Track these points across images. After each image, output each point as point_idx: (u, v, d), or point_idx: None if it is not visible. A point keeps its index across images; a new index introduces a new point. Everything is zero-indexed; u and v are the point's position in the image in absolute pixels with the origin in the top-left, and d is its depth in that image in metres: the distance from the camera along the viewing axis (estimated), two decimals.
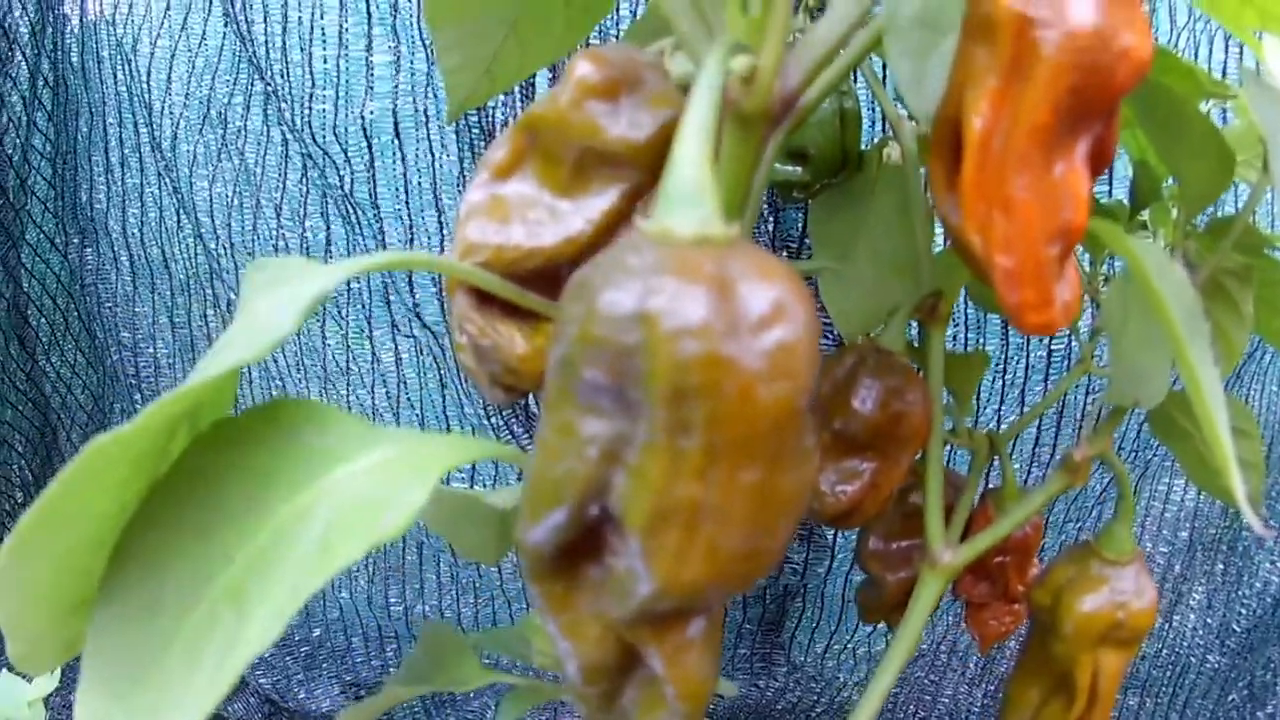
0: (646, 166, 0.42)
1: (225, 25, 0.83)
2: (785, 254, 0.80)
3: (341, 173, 0.81)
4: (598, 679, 0.35)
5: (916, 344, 0.64)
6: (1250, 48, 0.68)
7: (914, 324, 0.63)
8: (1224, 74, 0.88)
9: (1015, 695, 0.68)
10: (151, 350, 0.92)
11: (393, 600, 0.96)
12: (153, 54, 0.86)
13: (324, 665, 1.01)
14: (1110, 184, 0.85)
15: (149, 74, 0.86)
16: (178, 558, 0.30)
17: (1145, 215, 0.73)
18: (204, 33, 0.85)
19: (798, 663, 0.96)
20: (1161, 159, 0.64)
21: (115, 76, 0.88)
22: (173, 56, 0.86)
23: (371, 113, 0.79)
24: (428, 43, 0.76)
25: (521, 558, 0.33)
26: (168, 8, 0.86)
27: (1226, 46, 0.83)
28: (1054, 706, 0.67)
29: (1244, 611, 1.02)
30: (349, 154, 0.80)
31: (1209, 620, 1.02)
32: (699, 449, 0.28)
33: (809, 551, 0.90)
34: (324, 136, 0.80)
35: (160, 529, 0.31)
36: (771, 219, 0.80)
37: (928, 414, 0.61)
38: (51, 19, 0.89)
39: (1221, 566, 1.01)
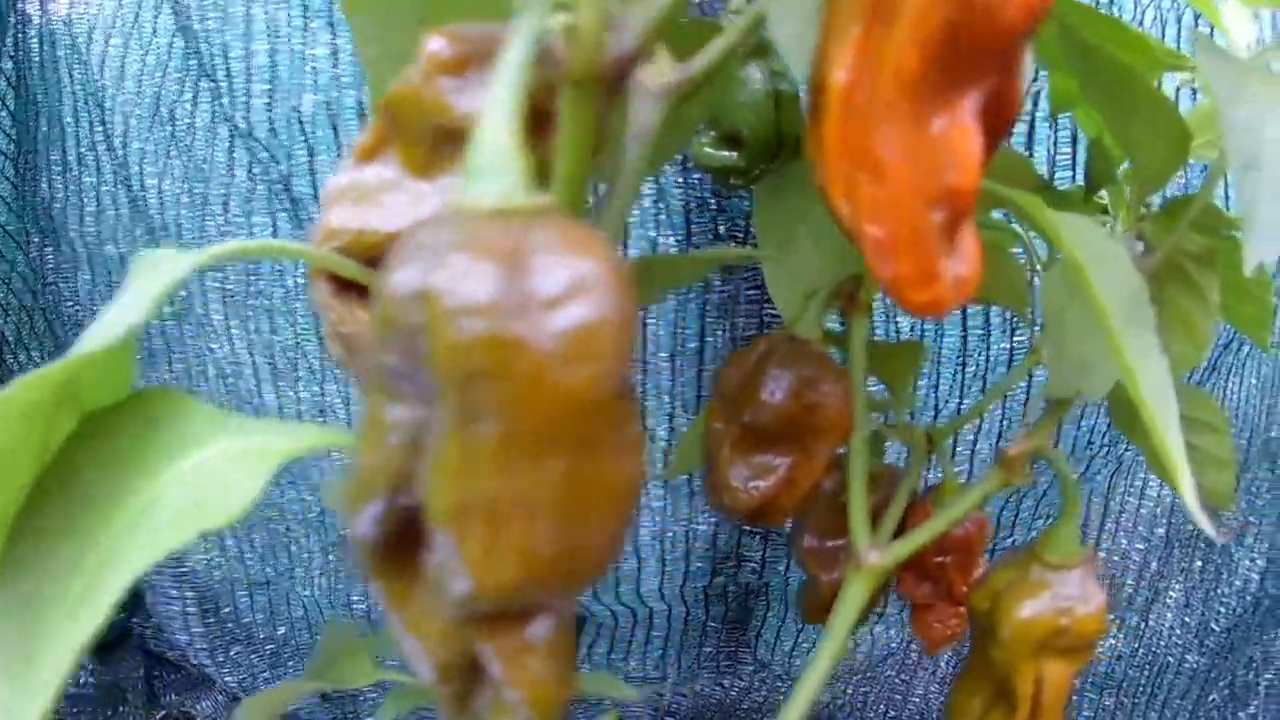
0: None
1: (174, 21, 0.80)
2: (732, 243, 0.76)
3: (282, 167, 0.77)
4: (449, 678, 0.32)
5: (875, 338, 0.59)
6: (1206, 14, 0.63)
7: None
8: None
9: (957, 704, 0.64)
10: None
11: (355, 599, 0.93)
12: (105, 51, 0.83)
13: (289, 663, 0.98)
14: (1073, 169, 0.80)
15: (102, 71, 0.83)
16: (55, 547, 0.30)
17: (1106, 198, 0.69)
18: (154, 29, 0.82)
19: (764, 660, 0.92)
20: (1113, 136, 0.59)
21: (71, 75, 0.85)
22: (124, 53, 0.83)
23: (309, 106, 0.75)
24: None
25: (355, 553, 0.31)
26: (120, 4, 0.83)
27: (1197, 21, 0.78)
28: (996, 717, 0.62)
29: (1223, 610, 0.96)
30: (288, 148, 0.77)
31: (1187, 619, 0.96)
32: (494, 438, 0.26)
33: (766, 549, 0.86)
34: (263, 130, 0.77)
35: (42, 517, 0.31)
36: (716, 206, 0.75)
37: (846, 405, 0.56)
38: (14, 18, 0.86)
39: (1200, 564, 0.95)
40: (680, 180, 0.76)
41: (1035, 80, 0.77)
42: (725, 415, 0.57)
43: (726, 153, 0.68)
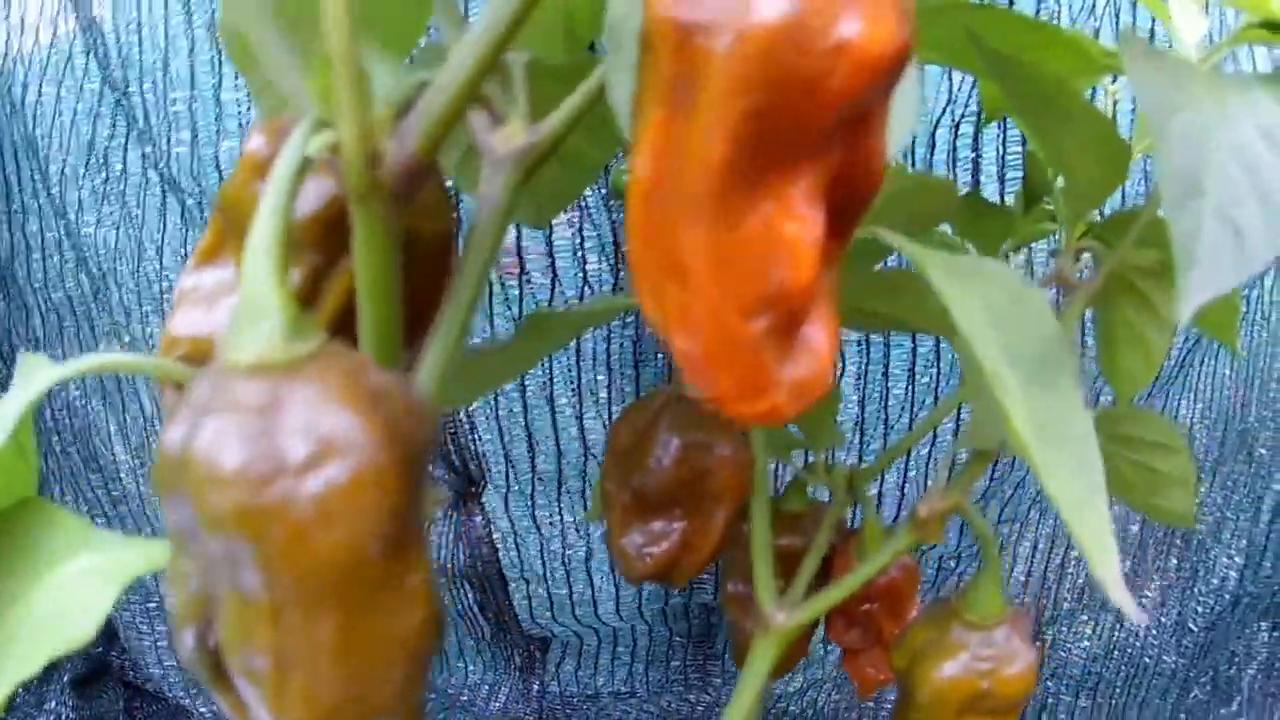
0: (319, 244, 0.34)
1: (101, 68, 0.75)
2: None
3: (207, 214, 0.72)
4: None
5: None
6: (1151, 8, 0.55)
7: None
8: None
9: None
10: (65, 396, 0.84)
11: None
12: (39, 98, 0.78)
13: None
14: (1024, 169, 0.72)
15: (36, 118, 0.78)
16: None
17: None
18: (85, 74, 0.77)
19: (733, 674, 0.86)
20: (1045, 152, 0.52)
21: (10, 121, 0.80)
22: (58, 100, 0.78)
23: (227, 153, 0.70)
24: None
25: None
26: (52, 49, 0.78)
27: (1135, 18, 0.70)
28: None
29: (1201, 609, 0.89)
30: (212, 195, 0.71)
31: (1163, 619, 0.89)
32: (264, 599, 0.25)
33: (720, 568, 0.80)
34: (187, 178, 0.71)
35: None
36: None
37: (742, 470, 0.50)
38: None
39: (1175, 562, 0.88)
40: (607, 206, 0.70)
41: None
42: (616, 478, 0.52)
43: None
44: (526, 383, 0.74)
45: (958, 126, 0.73)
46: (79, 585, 0.30)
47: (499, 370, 0.60)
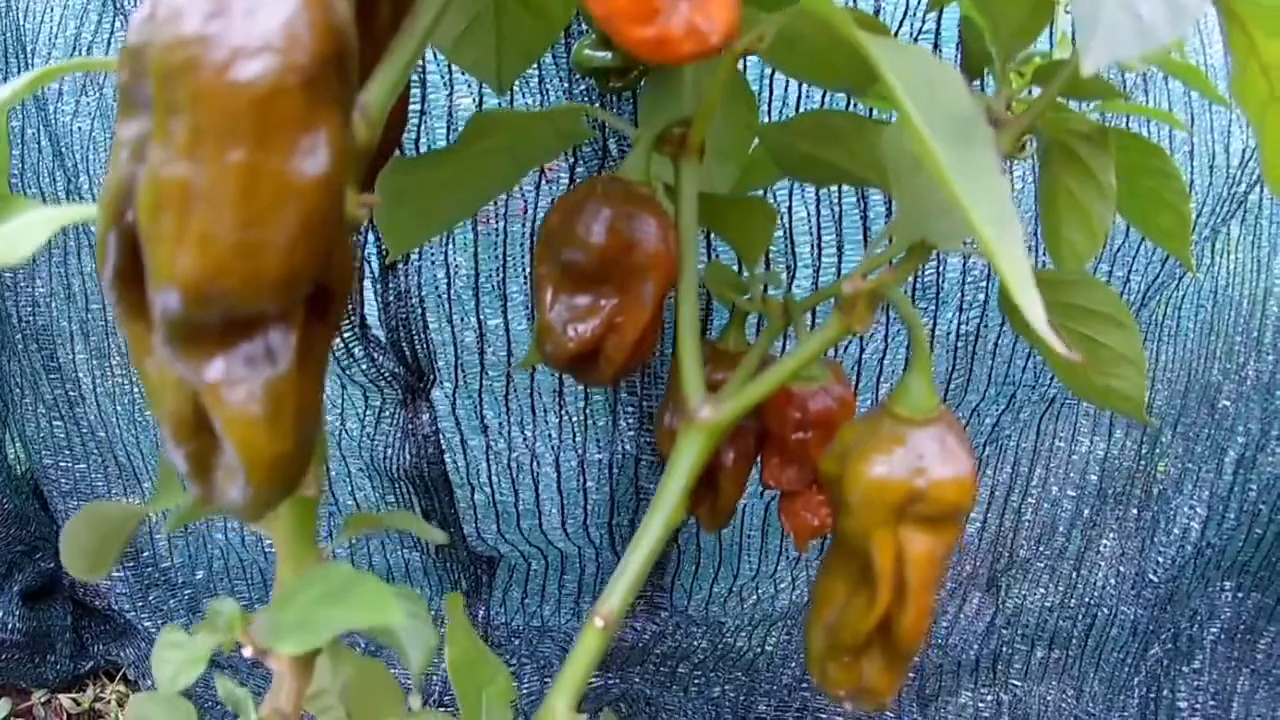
0: None
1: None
2: (621, 157, 0.68)
3: None
4: (183, 435, 0.31)
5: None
6: None
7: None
8: None
9: (821, 590, 0.53)
10: (30, 292, 0.82)
11: (268, 543, 0.84)
12: None
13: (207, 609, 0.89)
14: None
15: (25, 13, 0.77)
16: None
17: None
18: (22, 133, 0.78)
19: (680, 606, 0.82)
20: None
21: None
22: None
23: None
24: None
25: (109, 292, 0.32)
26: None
27: None
28: (860, 599, 0.52)
29: (1161, 561, 0.85)
30: None
31: (1122, 569, 0.84)
32: (185, 129, 0.27)
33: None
34: None
35: None
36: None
37: (668, 243, 0.48)
38: None
39: (1136, 512, 0.84)
40: (566, 90, 0.68)
41: None
42: (547, 258, 0.49)
43: (603, 53, 0.61)
44: (480, 273, 0.71)
45: (915, 41, 0.72)
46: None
47: (448, 193, 0.58)
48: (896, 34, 0.69)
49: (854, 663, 0.53)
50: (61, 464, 0.85)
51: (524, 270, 0.71)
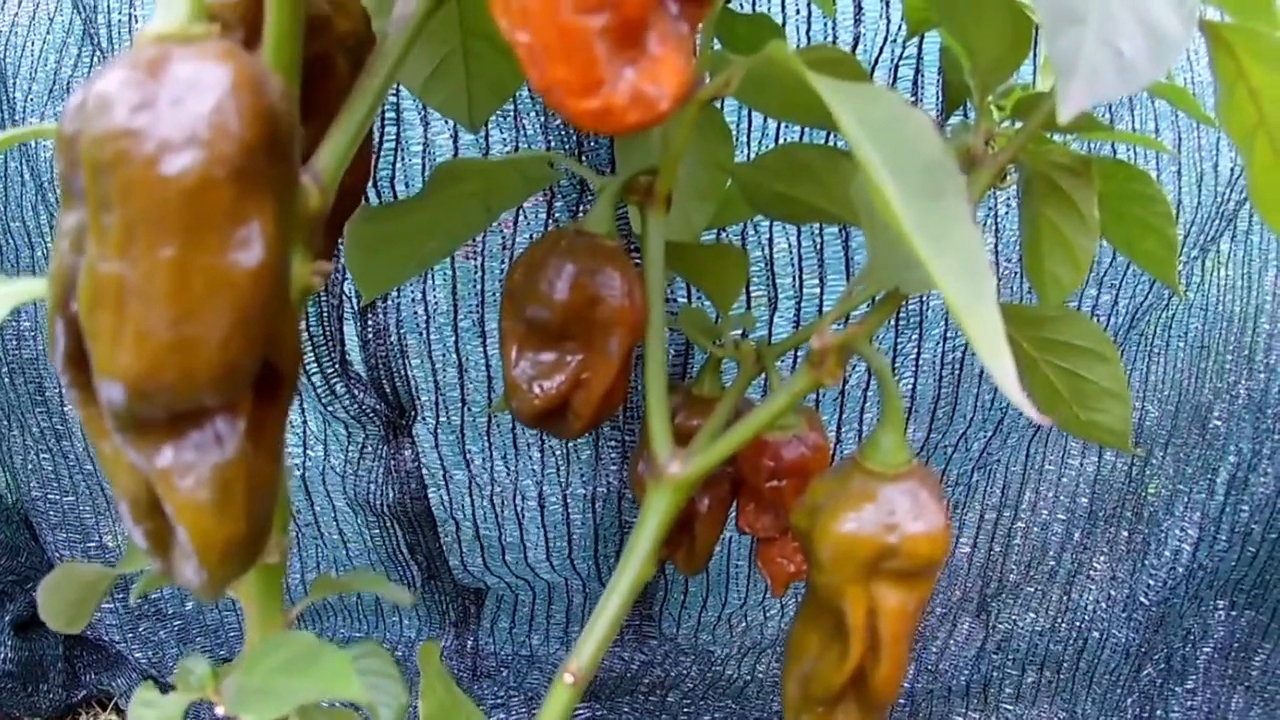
0: (243, 22, 0.37)
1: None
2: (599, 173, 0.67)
3: None
4: (140, 514, 0.31)
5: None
6: None
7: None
8: None
9: (795, 641, 0.53)
10: (16, 327, 0.82)
11: None
12: (12, 28, 0.77)
13: (197, 639, 0.89)
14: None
15: (5, 47, 0.77)
16: None
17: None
18: (57, 6, 0.76)
19: (669, 635, 0.81)
20: (945, 25, 0.49)
21: None
22: (29, 30, 0.77)
23: None
24: None
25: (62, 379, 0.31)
26: None
27: None
28: (833, 652, 0.51)
29: (1153, 583, 0.83)
30: None
31: (1113, 593, 0.83)
32: (117, 224, 0.27)
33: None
34: None
35: None
36: (579, 147, 0.67)
37: (634, 297, 0.47)
38: None
39: (1126, 535, 0.82)
40: (542, 124, 0.67)
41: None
42: (512, 313, 0.48)
43: None
44: (459, 310, 0.70)
45: (896, 68, 0.71)
46: None
47: (419, 239, 0.57)
48: (877, 60, 0.68)
49: (828, 713, 0.52)
50: (50, 496, 0.85)
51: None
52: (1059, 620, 0.83)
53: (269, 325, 0.31)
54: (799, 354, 0.72)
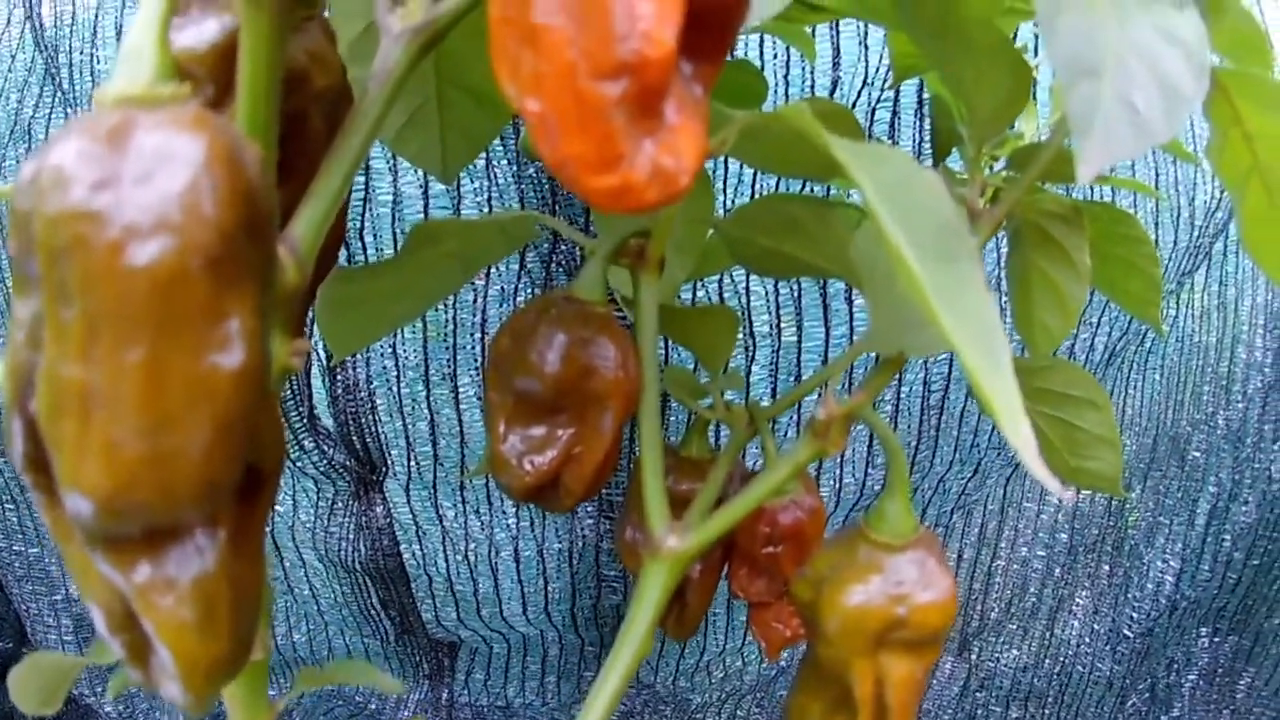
0: (213, 76, 0.34)
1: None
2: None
3: None
4: (117, 626, 0.28)
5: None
6: None
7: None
8: None
9: (796, 707, 0.51)
10: None
11: None
12: None
13: None
14: None
15: None
16: None
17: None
18: (19, 46, 0.73)
19: (646, 682, 0.79)
20: (945, 81, 0.48)
21: None
22: None
23: None
24: None
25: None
26: None
27: None
28: None
29: (1135, 615, 0.83)
30: None
31: (1096, 626, 0.82)
32: (78, 321, 0.23)
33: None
34: None
35: None
36: (551, 190, 0.64)
37: (628, 369, 0.45)
38: None
39: (1108, 568, 0.82)
40: (515, 174, 0.65)
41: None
42: (498, 384, 0.46)
43: None
44: (430, 363, 0.68)
45: (874, 112, 0.69)
46: None
47: (393, 301, 0.54)
48: (855, 103, 0.67)
49: None
50: (15, 548, 0.81)
51: (475, 360, 0.68)
52: (1042, 655, 0.82)
53: (252, 428, 0.28)
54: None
